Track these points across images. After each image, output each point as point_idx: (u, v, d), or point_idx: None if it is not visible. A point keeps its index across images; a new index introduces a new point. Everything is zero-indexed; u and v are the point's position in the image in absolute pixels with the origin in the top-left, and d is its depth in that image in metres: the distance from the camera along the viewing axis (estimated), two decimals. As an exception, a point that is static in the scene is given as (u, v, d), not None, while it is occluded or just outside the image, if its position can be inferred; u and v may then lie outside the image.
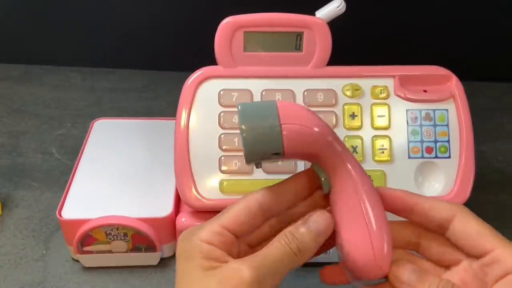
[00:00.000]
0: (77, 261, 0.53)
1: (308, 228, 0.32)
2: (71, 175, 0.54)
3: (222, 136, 0.49)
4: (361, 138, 0.50)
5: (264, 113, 0.33)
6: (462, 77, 0.51)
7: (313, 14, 0.49)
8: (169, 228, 0.51)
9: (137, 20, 0.80)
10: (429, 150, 0.50)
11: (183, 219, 0.50)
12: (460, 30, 0.79)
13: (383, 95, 0.50)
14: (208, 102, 0.49)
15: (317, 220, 0.33)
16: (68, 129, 0.72)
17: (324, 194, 0.35)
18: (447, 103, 0.50)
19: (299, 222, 0.33)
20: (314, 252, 0.33)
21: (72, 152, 0.67)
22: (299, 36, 0.49)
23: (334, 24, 0.49)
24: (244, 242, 0.33)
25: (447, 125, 0.50)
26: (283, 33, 0.49)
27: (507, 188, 0.65)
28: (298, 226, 0.32)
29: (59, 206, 0.50)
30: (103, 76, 0.83)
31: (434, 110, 0.50)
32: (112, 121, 0.63)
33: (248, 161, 0.33)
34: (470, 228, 0.33)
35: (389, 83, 0.51)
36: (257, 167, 0.36)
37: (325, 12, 0.49)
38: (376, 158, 0.49)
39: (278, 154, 0.33)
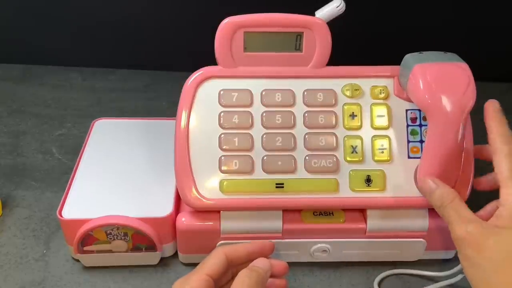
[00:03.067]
0: (78, 260, 0.53)
1: (250, 269, 0.41)
2: (71, 175, 0.54)
3: (222, 136, 0.49)
4: (361, 138, 0.50)
5: None
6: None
7: (313, 14, 0.49)
8: (169, 228, 0.51)
9: (137, 20, 0.80)
10: (428, 150, 0.50)
11: (183, 219, 0.50)
12: (459, 31, 0.79)
13: (383, 95, 0.50)
14: (208, 102, 0.50)
15: (258, 262, 0.43)
16: (68, 129, 0.72)
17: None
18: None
19: (245, 268, 0.42)
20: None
21: (72, 152, 0.67)
22: (299, 36, 0.49)
23: (334, 24, 0.49)
24: (217, 284, 0.43)
25: (446, 125, 0.50)
26: (283, 33, 0.49)
27: (507, 188, 0.65)
28: (243, 270, 0.42)
29: (59, 206, 0.50)
30: (103, 76, 0.83)
31: (433, 110, 0.50)
32: (112, 121, 0.63)
33: None
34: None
35: (389, 83, 0.51)
36: None
37: (324, 12, 0.49)
38: (376, 158, 0.49)
39: None
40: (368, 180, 0.49)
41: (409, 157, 0.50)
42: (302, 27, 0.49)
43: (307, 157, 0.49)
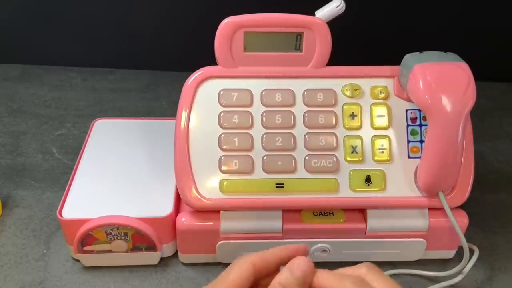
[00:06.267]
0: (78, 260, 0.53)
1: (292, 272, 0.35)
2: (71, 175, 0.54)
3: (222, 136, 0.49)
4: (361, 138, 0.50)
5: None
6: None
7: (313, 14, 0.49)
8: (169, 228, 0.51)
9: (137, 20, 0.80)
10: (428, 150, 0.50)
11: (183, 219, 0.50)
12: (459, 30, 0.79)
13: (383, 95, 0.50)
14: (208, 102, 0.50)
15: (300, 264, 0.36)
16: (68, 129, 0.72)
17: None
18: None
19: (284, 269, 0.36)
20: None
21: (72, 152, 0.67)
22: (299, 36, 0.49)
23: (334, 24, 0.49)
24: None
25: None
26: (283, 33, 0.49)
27: (507, 187, 0.65)
28: (283, 272, 0.36)
29: (59, 206, 0.50)
30: (103, 76, 0.83)
31: (433, 110, 0.50)
32: (112, 121, 0.63)
33: None
34: None
35: (389, 83, 0.51)
36: None
37: (324, 12, 0.49)
38: (376, 158, 0.49)
39: None
40: (368, 180, 0.49)
41: (409, 157, 0.50)
42: (302, 27, 0.49)
43: (307, 157, 0.49)
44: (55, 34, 0.81)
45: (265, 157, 0.49)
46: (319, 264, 0.53)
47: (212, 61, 0.50)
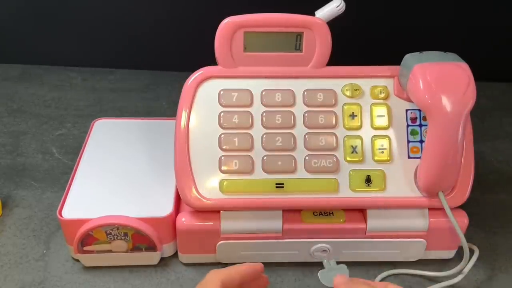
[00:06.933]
0: (78, 260, 0.53)
1: None
2: (71, 175, 0.54)
3: (222, 136, 0.49)
4: (361, 138, 0.50)
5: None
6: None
7: (313, 14, 0.49)
8: (169, 228, 0.51)
9: (137, 21, 0.80)
10: (428, 150, 0.50)
11: (183, 219, 0.50)
12: (459, 30, 0.79)
13: (383, 95, 0.50)
14: (208, 102, 0.50)
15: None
16: (68, 129, 0.72)
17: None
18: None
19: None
20: None
21: (72, 152, 0.67)
22: (299, 36, 0.49)
23: (334, 24, 0.49)
24: None
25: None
26: (283, 33, 0.49)
27: (507, 187, 0.65)
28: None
29: (59, 206, 0.50)
30: (103, 76, 0.83)
31: (433, 110, 0.50)
32: (112, 121, 0.63)
33: None
34: None
35: (389, 83, 0.51)
36: None
37: (324, 12, 0.49)
38: (376, 158, 0.49)
39: None
40: (368, 180, 0.49)
41: (409, 157, 0.50)
42: (302, 27, 0.49)
43: (307, 157, 0.49)
44: (55, 34, 0.81)
45: (265, 157, 0.49)
46: (319, 264, 0.54)
47: (212, 61, 0.50)
